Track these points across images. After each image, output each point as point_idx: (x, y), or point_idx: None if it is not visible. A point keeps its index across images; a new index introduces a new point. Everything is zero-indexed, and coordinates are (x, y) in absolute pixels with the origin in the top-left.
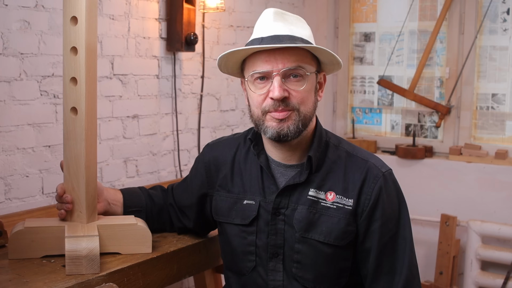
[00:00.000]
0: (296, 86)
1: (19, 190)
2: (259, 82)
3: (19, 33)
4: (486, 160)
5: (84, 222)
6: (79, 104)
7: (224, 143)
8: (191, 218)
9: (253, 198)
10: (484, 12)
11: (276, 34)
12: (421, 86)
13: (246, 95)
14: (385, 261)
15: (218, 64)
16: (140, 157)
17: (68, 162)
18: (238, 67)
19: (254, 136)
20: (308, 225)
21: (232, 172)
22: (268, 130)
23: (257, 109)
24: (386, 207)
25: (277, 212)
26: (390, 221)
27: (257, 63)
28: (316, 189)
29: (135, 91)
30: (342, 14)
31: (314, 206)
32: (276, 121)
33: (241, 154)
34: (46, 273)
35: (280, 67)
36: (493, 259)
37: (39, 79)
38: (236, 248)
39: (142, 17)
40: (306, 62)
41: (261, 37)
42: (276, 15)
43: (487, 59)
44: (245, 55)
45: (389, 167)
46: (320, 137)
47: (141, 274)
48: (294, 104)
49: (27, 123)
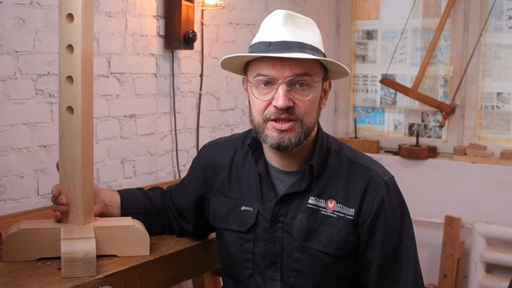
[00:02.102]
0: (301, 96)
1: (14, 191)
2: (263, 88)
3: (14, 31)
4: (491, 160)
5: (80, 224)
6: (75, 103)
7: (222, 145)
8: (190, 221)
9: (251, 204)
10: (489, 9)
11: (285, 40)
12: (425, 85)
13: (247, 95)
14: (388, 271)
15: (221, 64)
16: (137, 157)
17: (64, 162)
18: (242, 67)
19: (253, 142)
20: (307, 234)
21: (229, 177)
22: (267, 139)
23: (258, 116)
24: (389, 216)
25: (276, 220)
26: (393, 230)
27: (263, 67)
28: (316, 197)
29: (133, 90)
30: (344, 11)
31: (314, 214)
32: (277, 131)
33: (239, 158)
34: (42, 276)
35: (286, 74)
36: (498, 261)
37: (34, 78)
38: (233, 255)
39: (139, 14)
40: (313, 71)
41: (269, 41)
42: (287, 18)
43: (492, 57)
44: (250, 58)
45: (391, 175)
46: (321, 144)
47: (139, 277)
48: (298, 114)
49: (22, 122)
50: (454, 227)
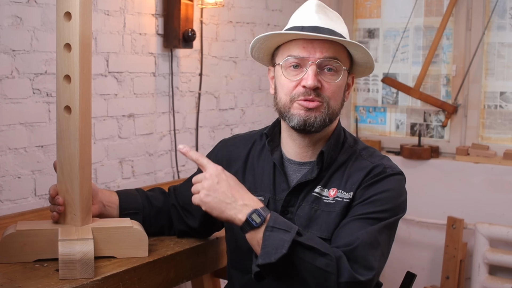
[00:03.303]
0: (329, 79)
1: (11, 192)
2: (292, 69)
3: (10, 29)
4: (494, 160)
5: (78, 225)
6: (73, 102)
7: (239, 139)
8: (197, 216)
9: (262, 194)
10: (492, 7)
11: (317, 26)
12: (427, 84)
13: (274, 83)
14: (349, 227)
15: (251, 46)
16: (136, 157)
17: (62, 162)
18: (270, 53)
19: (270, 131)
20: (308, 221)
21: (244, 168)
22: (294, 118)
23: (286, 96)
24: (378, 195)
25: (286, 211)
26: (373, 206)
27: (294, 49)
28: (322, 186)
29: (131, 89)
30: (345, 9)
31: (316, 202)
32: (304, 109)
33: (256, 151)
34: (39, 277)
35: (317, 55)
36: (502, 263)
37: (31, 77)
38: (242, 246)
39: (138, 12)
40: (342, 58)
41: (301, 25)
42: (319, 7)
43: (495, 56)
44: (282, 41)
45: (401, 171)
46: (338, 135)
47: (137, 278)
48: (325, 96)
49: (19, 122)
50: (456, 228)
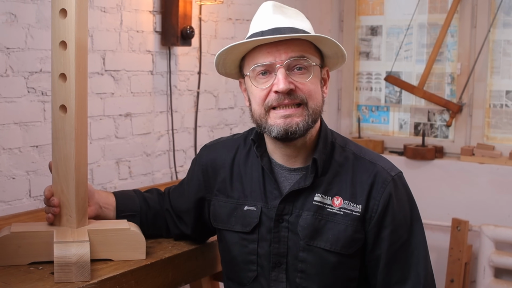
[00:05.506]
0: (301, 78)
1: (5, 193)
2: (261, 77)
3: (5, 27)
4: (500, 161)
5: (74, 227)
6: (68, 101)
7: (223, 144)
8: (188, 224)
9: (254, 204)
10: (497, 4)
11: (277, 27)
12: (431, 82)
13: (246, 95)
14: (395, 270)
15: (215, 63)
16: (133, 157)
17: (57, 163)
18: (237, 65)
19: (256, 136)
20: (313, 232)
21: (231, 176)
22: (273, 129)
23: (259, 107)
24: (397, 213)
25: (281, 219)
26: (401, 227)
27: (259, 56)
28: (322, 194)
29: (128, 88)
30: (347, 6)
31: (320, 212)
32: (282, 118)
33: (241, 157)
34: (34, 280)
35: (283, 58)
36: (507, 266)
37: (26, 75)
38: (236, 257)
39: (135, 9)
40: (309, 54)
41: (261, 30)
42: (275, 7)
43: (501, 54)
44: (245, 50)
45: (399, 170)
46: (325, 137)
47: (134, 282)
48: (302, 97)
49: (14, 121)
50: (461, 230)
